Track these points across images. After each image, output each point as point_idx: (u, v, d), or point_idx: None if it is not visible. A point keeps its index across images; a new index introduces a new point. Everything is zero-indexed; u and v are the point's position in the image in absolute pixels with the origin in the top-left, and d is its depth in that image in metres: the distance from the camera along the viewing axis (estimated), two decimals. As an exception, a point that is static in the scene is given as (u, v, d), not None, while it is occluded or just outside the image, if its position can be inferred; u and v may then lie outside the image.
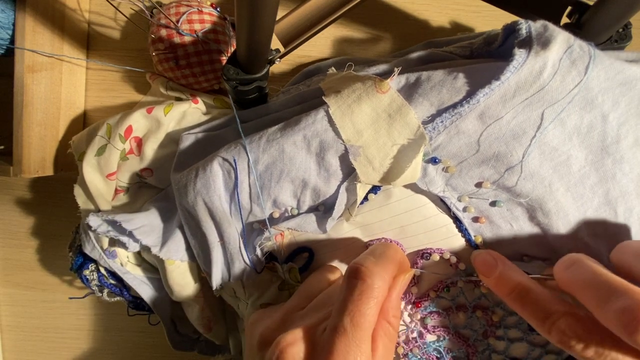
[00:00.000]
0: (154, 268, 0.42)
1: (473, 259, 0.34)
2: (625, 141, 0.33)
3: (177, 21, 0.38)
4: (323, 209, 0.36)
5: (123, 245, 0.38)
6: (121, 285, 0.43)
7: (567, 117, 0.32)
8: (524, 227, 0.35)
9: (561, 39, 0.31)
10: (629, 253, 0.29)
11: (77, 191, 0.41)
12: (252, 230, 0.37)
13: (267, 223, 0.36)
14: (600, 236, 0.34)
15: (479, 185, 0.34)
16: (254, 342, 0.32)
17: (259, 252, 0.36)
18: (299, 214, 0.36)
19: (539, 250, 0.35)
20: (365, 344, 0.27)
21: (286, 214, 0.36)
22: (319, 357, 0.27)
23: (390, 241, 0.36)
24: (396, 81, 0.34)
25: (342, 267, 0.38)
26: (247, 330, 0.34)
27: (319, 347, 0.28)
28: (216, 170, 0.35)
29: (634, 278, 0.27)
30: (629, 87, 0.33)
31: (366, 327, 0.27)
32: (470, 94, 0.32)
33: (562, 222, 0.34)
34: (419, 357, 0.37)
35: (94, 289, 0.43)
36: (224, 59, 0.40)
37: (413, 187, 0.35)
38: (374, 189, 0.35)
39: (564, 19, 0.35)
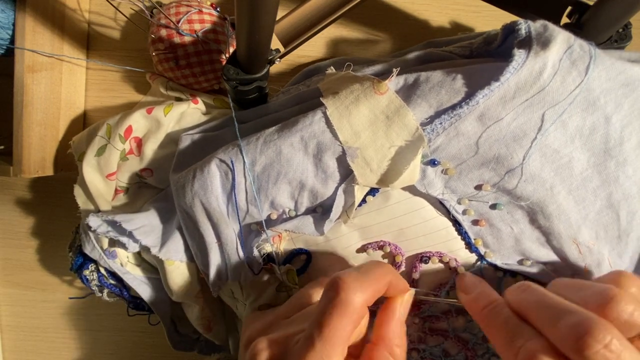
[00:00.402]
0: (153, 268, 0.42)
1: (458, 279, 0.33)
2: (629, 143, 0.33)
3: (177, 21, 0.38)
4: (321, 211, 0.36)
5: (123, 246, 0.38)
6: (121, 285, 0.43)
7: (568, 119, 0.32)
8: (524, 230, 0.34)
9: (561, 39, 0.31)
10: (560, 286, 0.29)
11: (77, 191, 0.41)
12: (250, 231, 0.37)
13: (264, 225, 0.36)
14: (602, 239, 0.34)
15: (478, 187, 0.34)
16: (242, 341, 0.32)
17: (256, 253, 0.36)
18: (296, 216, 0.36)
19: (539, 254, 0.35)
20: (334, 359, 0.26)
21: (284, 216, 0.36)
22: None
23: (389, 244, 0.36)
24: (394, 82, 0.34)
25: (340, 270, 0.37)
26: (241, 331, 0.34)
27: (288, 357, 0.27)
28: (214, 172, 0.35)
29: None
30: (632, 88, 0.32)
31: (335, 343, 0.26)
32: (469, 95, 0.32)
33: (564, 226, 0.34)
34: (418, 360, 0.37)
35: (94, 289, 0.43)
36: (224, 59, 0.40)
37: (412, 190, 0.35)
38: (372, 191, 0.35)
39: (564, 19, 0.35)
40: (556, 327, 0.25)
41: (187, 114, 0.41)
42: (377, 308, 0.31)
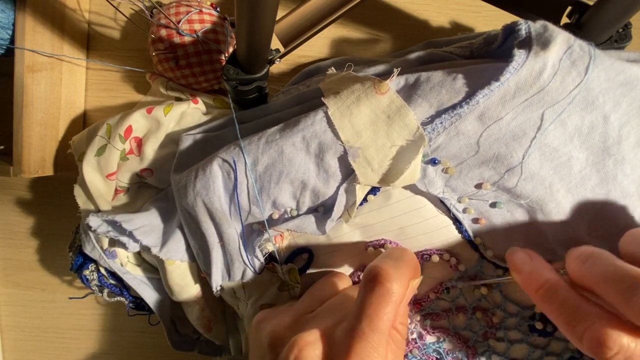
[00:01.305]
0: (154, 268, 0.42)
1: (508, 255, 0.32)
2: (627, 142, 0.33)
3: (177, 21, 0.38)
4: (322, 210, 0.36)
5: (123, 246, 0.38)
6: (121, 285, 0.43)
7: (567, 118, 0.32)
8: (524, 228, 0.35)
9: (561, 39, 0.31)
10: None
11: (77, 191, 0.41)
12: (252, 231, 0.37)
13: (266, 224, 0.36)
14: (601, 237, 0.34)
15: (478, 186, 0.34)
16: (264, 341, 0.32)
17: (258, 253, 0.36)
18: (298, 215, 0.36)
19: (539, 252, 0.35)
20: (382, 347, 0.27)
21: (286, 215, 0.36)
22: (336, 358, 0.27)
23: (390, 242, 0.36)
24: (395, 82, 0.34)
25: (343, 269, 0.38)
26: (253, 329, 0.34)
27: (336, 349, 0.28)
28: (216, 171, 0.35)
29: None
30: (630, 88, 0.32)
31: (384, 331, 0.27)
32: (469, 95, 0.32)
33: (563, 224, 0.34)
34: (418, 358, 0.37)
35: (94, 289, 0.43)
36: (224, 59, 0.40)
37: (412, 189, 0.35)
38: (373, 190, 0.35)
39: (564, 19, 0.35)
40: (629, 303, 0.23)
41: (187, 114, 0.41)
42: None
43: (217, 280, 0.37)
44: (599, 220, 0.34)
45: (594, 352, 0.24)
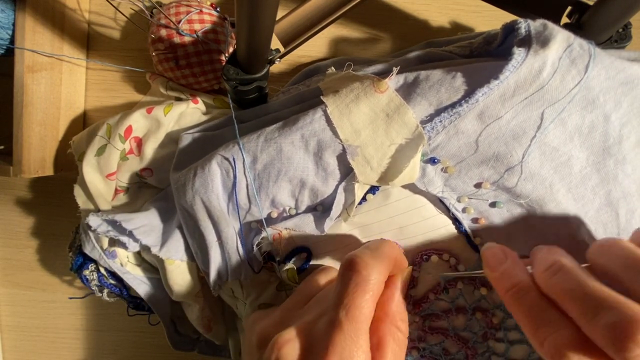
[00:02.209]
0: (153, 268, 0.42)
1: (483, 250, 0.32)
2: (628, 142, 0.33)
3: (177, 21, 0.38)
4: (321, 209, 0.36)
5: (123, 245, 0.38)
6: (121, 285, 0.43)
7: (568, 117, 0.32)
8: (524, 228, 0.34)
9: (561, 37, 0.31)
10: (615, 259, 0.28)
11: (77, 191, 0.41)
12: (250, 230, 0.37)
13: (264, 223, 0.36)
14: (601, 237, 0.34)
15: (478, 185, 0.34)
16: (253, 341, 0.31)
17: (256, 252, 0.36)
18: (297, 214, 0.36)
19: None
20: (362, 337, 0.26)
21: (284, 214, 0.36)
22: (316, 353, 0.27)
23: (389, 242, 0.36)
24: (394, 81, 0.34)
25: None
26: (246, 330, 0.34)
27: (315, 343, 0.27)
28: (215, 170, 0.35)
29: (611, 279, 0.26)
30: (631, 87, 0.32)
31: (362, 320, 0.27)
32: (469, 94, 0.32)
33: (563, 224, 0.34)
34: (418, 358, 0.37)
35: (94, 289, 0.43)
36: (224, 59, 0.40)
37: (412, 188, 0.35)
38: (373, 189, 0.35)
39: (564, 19, 0.35)
40: (592, 322, 0.23)
41: (187, 114, 0.41)
42: None
43: (216, 279, 0.37)
44: (599, 221, 0.34)
45: (553, 359, 0.25)
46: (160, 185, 0.42)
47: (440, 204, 0.35)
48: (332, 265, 0.37)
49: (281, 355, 0.27)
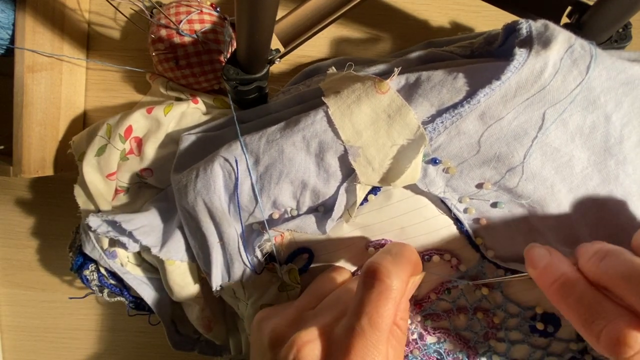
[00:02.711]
0: (154, 268, 0.42)
1: (527, 250, 0.31)
2: (629, 142, 0.33)
3: (177, 21, 0.38)
4: (323, 210, 0.36)
5: (123, 246, 0.38)
6: (121, 285, 0.43)
7: (569, 118, 0.32)
8: (525, 228, 0.34)
9: (562, 38, 0.31)
10: None
11: (77, 191, 0.41)
12: (252, 231, 0.37)
13: (266, 225, 0.36)
14: (602, 238, 0.34)
15: (479, 186, 0.34)
16: (264, 340, 0.31)
17: (258, 253, 0.36)
18: (298, 215, 0.36)
19: (540, 252, 0.35)
20: (382, 344, 0.27)
21: (286, 215, 0.36)
22: (336, 357, 0.27)
23: (390, 243, 0.36)
24: (396, 81, 0.34)
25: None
26: (254, 328, 0.34)
27: (335, 347, 0.27)
28: (217, 171, 0.35)
29: None
30: (632, 87, 0.32)
31: (384, 329, 0.27)
32: (470, 94, 0.32)
33: (564, 224, 0.34)
34: (419, 358, 0.37)
35: (94, 289, 0.43)
36: (224, 59, 0.40)
37: (413, 188, 0.35)
38: (374, 190, 0.35)
39: (564, 19, 0.35)
40: None
41: (187, 114, 0.41)
42: None
43: (217, 280, 0.37)
44: (600, 221, 0.34)
45: (613, 351, 0.23)
46: (160, 186, 0.42)
47: (441, 204, 0.35)
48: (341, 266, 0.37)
49: (301, 356, 0.27)
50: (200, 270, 0.39)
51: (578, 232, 0.34)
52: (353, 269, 0.37)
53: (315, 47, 0.45)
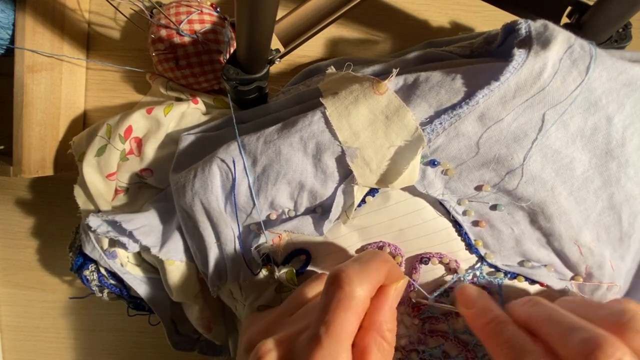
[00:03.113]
0: (154, 268, 0.42)
1: (459, 290, 0.33)
2: (631, 144, 0.33)
3: (178, 21, 0.38)
4: (320, 211, 0.36)
5: (123, 246, 0.38)
6: (121, 285, 0.43)
7: (570, 119, 0.32)
8: (525, 231, 0.34)
9: (561, 38, 0.31)
10: (572, 303, 0.30)
11: (77, 191, 0.41)
12: (249, 231, 0.37)
13: (262, 226, 0.36)
14: (603, 241, 0.34)
15: (478, 188, 0.34)
16: (242, 344, 0.31)
17: (255, 254, 0.36)
18: (296, 216, 0.36)
19: (540, 255, 0.35)
20: (342, 354, 0.26)
21: (283, 216, 0.36)
22: None
23: (389, 245, 0.36)
24: (394, 82, 0.34)
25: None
26: (241, 332, 0.34)
27: (295, 357, 0.27)
28: (214, 171, 0.35)
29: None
30: (634, 89, 0.32)
31: (343, 338, 0.26)
32: (469, 95, 0.32)
33: (565, 227, 0.33)
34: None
35: (94, 289, 0.43)
36: (224, 59, 0.40)
37: (411, 190, 0.35)
38: (372, 192, 0.35)
39: (564, 19, 0.35)
40: (566, 342, 0.25)
41: (187, 114, 0.41)
42: None
43: (214, 280, 0.37)
44: (602, 224, 0.34)
45: None
46: (160, 186, 0.42)
47: (440, 206, 0.35)
48: (331, 268, 0.37)
49: None
50: (199, 270, 0.39)
51: (579, 235, 0.33)
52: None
53: (315, 47, 0.45)
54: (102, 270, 0.42)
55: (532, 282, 0.35)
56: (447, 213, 0.35)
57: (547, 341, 0.26)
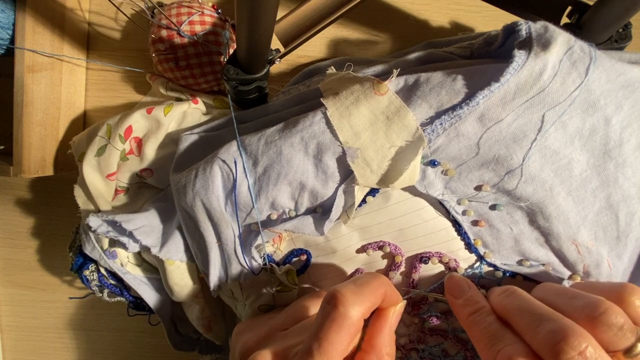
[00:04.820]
0: (154, 268, 0.42)
1: (448, 278, 0.34)
2: (628, 145, 0.33)
3: (178, 22, 0.38)
4: (321, 211, 0.36)
5: (123, 246, 0.38)
6: (121, 285, 0.43)
7: (568, 120, 0.32)
8: (524, 231, 0.34)
9: (561, 40, 0.31)
10: (550, 292, 0.31)
11: (77, 191, 0.41)
12: (250, 232, 0.37)
13: (260, 226, 0.36)
14: (601, 240, 0.34)
15: (478, 188, 0.34)
16: (236, 352, 0.32)
17: (255, 254, 0.36)
18: (296, 216, 0.36)
19: (539, 254, 0.35)
20: None
21: (284, 216, 0.36)
22: None
23: (389, 244, 0.36)
24: (395, 83, 0.34)
25: (340, 271, 0.37)
26: (233, 338, 0.35)
27: None
28: (215, 172, 0.35)
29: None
30: (632, 90, 0.32)
31: (333, 355, 0.26)
32: (469, 96, 0.32)
33: (563, 226, 0.34)
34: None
35: (94, 289, 0.43)
36: (224, 61, 0.40)
37: (412, 190, 0.35)
38: (372, 192, 0.35)
39: (564, 19, 0.35)
40: (535, 332, 0.26)
41: (187, 114, 0.41)
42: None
43: (215, 280, 0.37)
44: (599, 224, 0.34)
45: None
46: (160, 186, 0.42)
47: (440, 206, 0.35)
48: (331, 268, 0.37)
49: None
50: (200, 270, 0.39)
51: (577, 233, 0.34)
52: (350, 271, 0.37)
53: (315, 47, 0.45)
54: (102, 270, 0.42)
55: (531, 280, 0.35)
56: (446, 213, 0.35)
57: (519, 331, 0.27)
